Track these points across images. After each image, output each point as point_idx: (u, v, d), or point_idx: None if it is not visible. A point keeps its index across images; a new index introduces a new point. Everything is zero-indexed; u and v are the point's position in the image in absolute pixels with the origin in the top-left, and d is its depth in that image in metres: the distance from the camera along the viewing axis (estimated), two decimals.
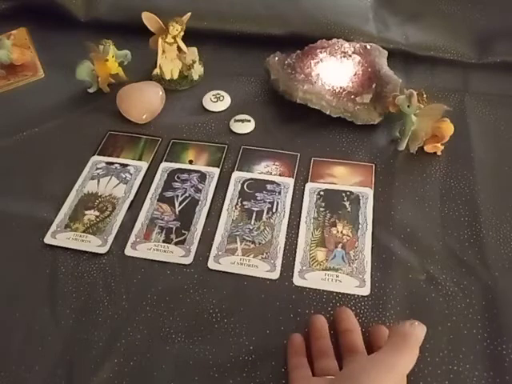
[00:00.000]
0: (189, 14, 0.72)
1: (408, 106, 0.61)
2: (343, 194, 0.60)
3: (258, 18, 0.80)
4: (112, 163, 0.66)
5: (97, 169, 0.65)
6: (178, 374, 0.47)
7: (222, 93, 0.74)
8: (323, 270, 0.54)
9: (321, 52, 0.73)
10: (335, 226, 0.57)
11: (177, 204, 0.61)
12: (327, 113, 0.67)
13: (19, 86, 0.78)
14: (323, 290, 0.52)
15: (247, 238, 0.57)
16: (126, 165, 0.66)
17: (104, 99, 0.74)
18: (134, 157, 0.67)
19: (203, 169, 0.65)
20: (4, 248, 0.57)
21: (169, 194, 0.62)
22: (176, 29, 0.71)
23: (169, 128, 0.70)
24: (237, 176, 0.63)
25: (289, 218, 0.58)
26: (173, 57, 0.75)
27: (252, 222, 0.58)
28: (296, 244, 0.56)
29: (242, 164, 0.65)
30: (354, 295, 0.52)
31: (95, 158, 0.67)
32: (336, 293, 0.52)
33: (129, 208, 0.61)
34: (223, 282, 0.53)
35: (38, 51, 0.84)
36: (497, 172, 0.62)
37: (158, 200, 0.61)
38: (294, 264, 0.54)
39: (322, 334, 0.47)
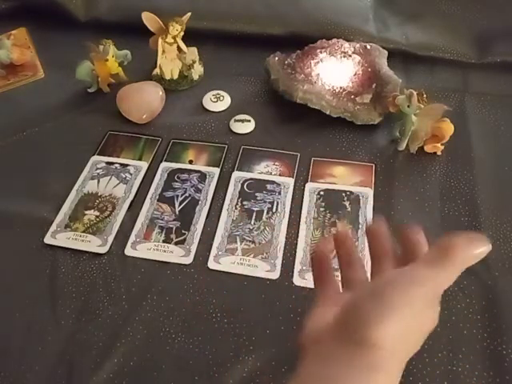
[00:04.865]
0: (189, 14, 0.72)
1: (408, 106, 0.61)
2: (343, 194, 0.60)
3: (258, 18, 0.80)
4: (112, 163, 0.66)
5: (97, 169, 0.65)
6: (178, 374, 0.47)
7: (222, 93, 0.74)
8: None
9: (321, 52, 0.73)
10: (335, 225, 0.57)
11: (177, 204, 0.61)
12: (327, 113, 0.67)
13: (19, 86, 0.78)
14: None
15: (247, 238, 0.57)
16: (126, 165, 0.66)
17: (104, 99, 0.74)
18: (134, 157, 0.67)
19: (203, 169, 0.65)
20: (4, 248, 0.57)
21: (169, 193, 0.62)
22: (176, 29, 0.71)
23: (169, 128, 0.70)
24: (237, 176, 0.63)
25: (289, 218, 0.59)
26: (173, 57, 0.75)
27: (252, 222, 0.58)
28: (296, 244, 0.56)
29: (241, 164, 0.65)
30: None
31: (95, 157, 0.67)
32: None
33: (129, 208, 0.61)
34: (223, 282, 0.53)
35: (38, 51, 0.84)
36: (497, 172, 0.62)
37: (157, 200, 0.61)
38: (293, 264, 0.54)
39: (347, 243, 0.39)
